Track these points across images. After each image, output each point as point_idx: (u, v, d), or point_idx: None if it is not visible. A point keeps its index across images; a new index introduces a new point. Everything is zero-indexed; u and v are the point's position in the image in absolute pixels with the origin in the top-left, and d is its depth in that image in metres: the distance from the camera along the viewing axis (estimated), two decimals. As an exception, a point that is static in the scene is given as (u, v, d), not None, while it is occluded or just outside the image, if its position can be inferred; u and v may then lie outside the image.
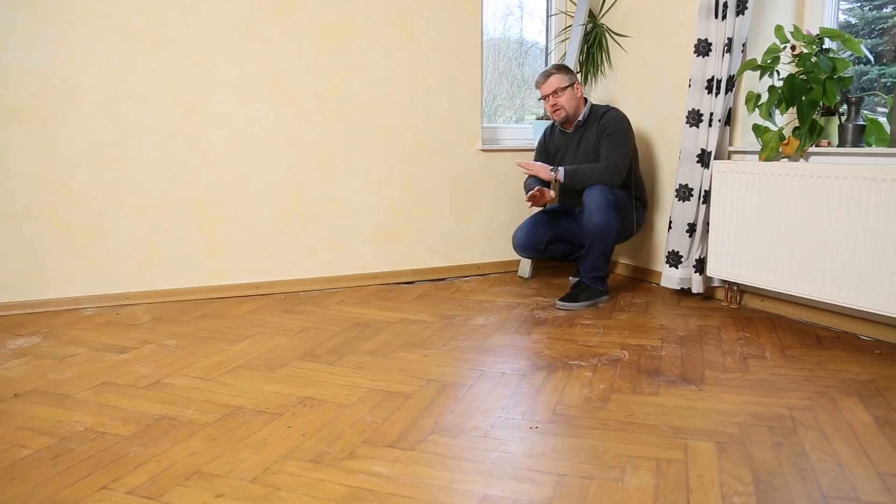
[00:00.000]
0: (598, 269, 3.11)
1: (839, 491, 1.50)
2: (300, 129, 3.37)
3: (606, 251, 3.10)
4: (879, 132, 2.59)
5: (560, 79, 3.21)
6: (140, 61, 3.04)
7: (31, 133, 2.92)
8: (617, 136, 3.15)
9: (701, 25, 3.01)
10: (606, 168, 3.09)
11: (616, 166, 3.10)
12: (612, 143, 3.14)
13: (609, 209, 3.02)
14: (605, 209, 3.01)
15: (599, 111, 3.27)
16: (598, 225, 3.02)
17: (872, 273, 2.41)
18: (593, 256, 3.09)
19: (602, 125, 3.20)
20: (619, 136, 3.15)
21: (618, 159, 3.11)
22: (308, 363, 2.35)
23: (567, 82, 3.22)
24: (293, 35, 3.29)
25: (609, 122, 3.18)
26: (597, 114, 3.26)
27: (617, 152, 3.12)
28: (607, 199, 3.02)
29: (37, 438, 1.76)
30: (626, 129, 3.18)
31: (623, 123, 3.18)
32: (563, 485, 1.53)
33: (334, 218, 3.51)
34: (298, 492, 1.50)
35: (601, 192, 3.04)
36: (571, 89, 3.23)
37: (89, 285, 3.09)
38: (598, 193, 3.04)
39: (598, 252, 3.08)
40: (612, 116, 3.21)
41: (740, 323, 2.83)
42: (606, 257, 3.12)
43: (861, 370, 2.25)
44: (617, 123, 3.18)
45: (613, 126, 3.17)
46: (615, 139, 3.14)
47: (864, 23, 2.96)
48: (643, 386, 2.13)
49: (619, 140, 3.14)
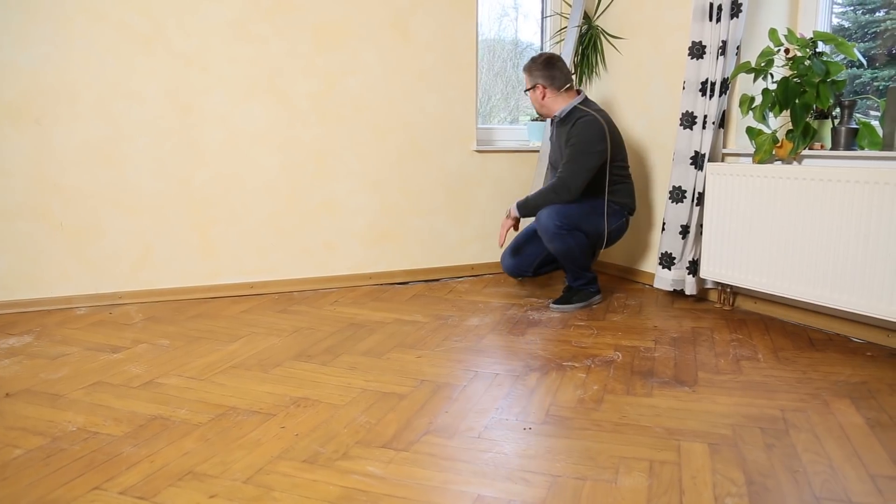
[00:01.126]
0: (580, 279, 3.12)
1: (831, 492, 1.50)
2: (294, 129, 3.37)
3: (580, 264, 3.07)
4: (872, 135, 2.61)
5: (526, 79, 3.15)
6: (135, 60, 3.03)
7: (25, 132, 2.91)
8: (576, 147, 2.99)
9: (695, 28, 3.02)
10: (554, 188, 3.01)
11: (565, 184, 2.99)
12: (570, 156, 3.01)
13: (561, 235, 2.96)
14: (557, 236, 2.96)
15: (576, 115, 3.05)
16: (558, 250, 3.01)
17: (864, 275, 2.42)
18: (570, 272, 3.12)
19: (571, 130, 3.03)
20: (578, 148, 2.99)
21: (568, 175, 2.99)
22: (302, 363, 2.34)
23: (528, 83, 3.14)
24: (288, 35, 3.29)
25: (577, 129, 3.01)
26: (576, 115, 3.06)
27: (569, 167, 3.00)
28: (555, 225, 2.94)
29: (29, 438, 1.75)
30: (589, 139, 2.98)
31: (586, 134, 2.99)
32: (557, 486, 1.53)
33: (328, 218, 3.50)
34: (292, 492, 1.49)
35: (549, 217, 2.95)
36: (534, 93, 3.12)
37: (82, 284, 3.08)
38: (547, 220, 2.96)
39: (573, 268, 3.09)
40: (580, 124, 3.01)
41: (733, 325, 2.84)
42: (584, 268, 3.09)
43: (853, 372, 2.26)
44: (580, 134, 2.99)
45: (575, 137, 3.01)
46: (573, 152, 3.00)
47: (857, 26, 2.98)
48: (636, 387, 2.13)
49: (576, 153, 2.99)
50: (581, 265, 3.08)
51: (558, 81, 3.09)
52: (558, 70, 3.09)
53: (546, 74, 3.09)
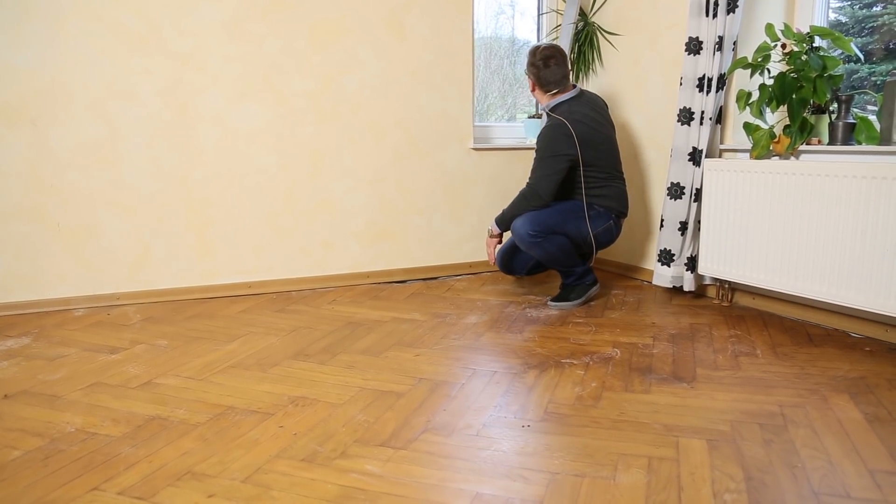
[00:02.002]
0: (571, 276, 3.12)
1: (829, 487, 1.50)
2: (291, 128, 3.36)
3: (566, 264, 3.07)
4: (869, 130, 2.61)
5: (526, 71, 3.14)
6: (130, 60, 3.03)
7: (21, 133, 2.90)
8: (540, 153, 3.02)
9: (692, 24, 3.01)
10: (524, 196, 3.03)
11: (533, 190, 3.00)
12: (536, 161, 3.04)
13: (535, 241, 2.96)
14: (533, 244, 2.97)
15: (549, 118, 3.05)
16: (539, 256, 3.03)
17: (863, 271, 2.42)
18: (561, 271, 3.13)
19: (538, 135, 3.07)
20: (542, 153, 3.01)
21: (535, 181, 3.01)
22: (300, 363, 2.34)
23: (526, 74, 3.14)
24: (284, 34, 3.28)
25: (541, 135, 3.04)
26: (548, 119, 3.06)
27: (536, 173, 3.02)
28: (528, 233, 2.95)
29: (27, 439, 1.75)
30: (553, 143, 2.97)
31: (550, 138, 2.98)
32: (555, 483, 1.53)
33: (326, 217, 3.50)
34: (290, 491, 1.49)
35: (523, 226, 2.96)
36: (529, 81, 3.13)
37: (80, 286, 3.07)
38: (521, 228, 2.97)
39: (561, 269, 3.10)
40: (545, 128, 3.03)
41: (731, 321, 2.84)
42: (571, 265, 3.08)
43: (851, 367, 2.26)
44: (544, 138, 3.01)
45: (540, 141, 3.03)
46: (537, 157, 3.04)
47: (854, 21, 2.98)
48: (635, 384, 2.13)
49: (540, 158, 3.02)
50: (567, 265, 3.07)
51: (547, 85, 3.07)
52: (550, 73, 3.04)
53: (537, 73, 3.07)
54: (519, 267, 3.33)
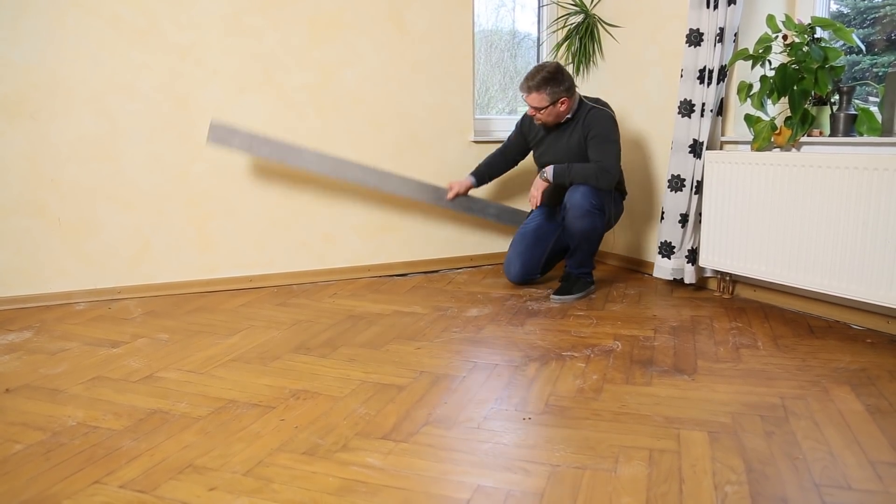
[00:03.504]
0: (585, 266, 3.13)
1: (830, 479, 1.51)
2: (291, 122, 3.36)
3: (592, 250, 3.11)
4: (871, 121, 2.60)
5: (541, 98, 3.01)
6: (129, 54, 3.02)
7: (20, 127, 2.90)
8: (605, 138, 3.03)
9: (693, 15, 3.00)
10: (599, 171, 3.00)
11: (609, 172, 3.00)
12: (602, 146, 3.03)
13: (593, 214, 2.98)
14: (589, 215, 2.98)
15: (586, 108, 3.11)
16: (583, 230, 3.00)
17: (864, 262, 2.41)
18: (581, 255, 3.10)
19: (587, 124, 3.06)
20: (607, 138, 3.03)
21: (610, 164, 3.00)
22: (301, 356, 2.34)
23: (548, 101, 3.02)
24: (283, 27, 3.27)
25: (594, 122, 3.05)
26: (583, 110, 3.11)
27: (608, 156, 3.01)
28: (591, 203, 2.97)
29: (29, 433, 1.75)
30: (613, 129, 3.06)
31: (609, 123, 3.06)
32: (556, 475, 1.53)
33: (327, 210, 3.50)
34: (291, 484, 1.49)
35: (585, 196, 2.97)
36: (554, 107, 3.04)
37: (81, 280, 3.07)
38: (582, 198, 2.97)
39: (585, 252, 3.09)
40: (598, 116, 3.06)
41: (732, 313, 2.83)
42: (592, 255, 3.13)
43: (852, 359, 2.26)
44: (603, 124, 3.05)
45: (600, 127, 3.04)
46: (604, 142, 3.03)
47: (855, 12, 2.96)
48: (636, 376, 2.13)
49: (608, 143, 3.03)
50: (592, 250, 3.11)
51: (573, 86, 3.09)
52: (568, 75, 3.06)
53: (567, 86, 3.04)
54: (534, 266, 3.27)
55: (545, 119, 3.12)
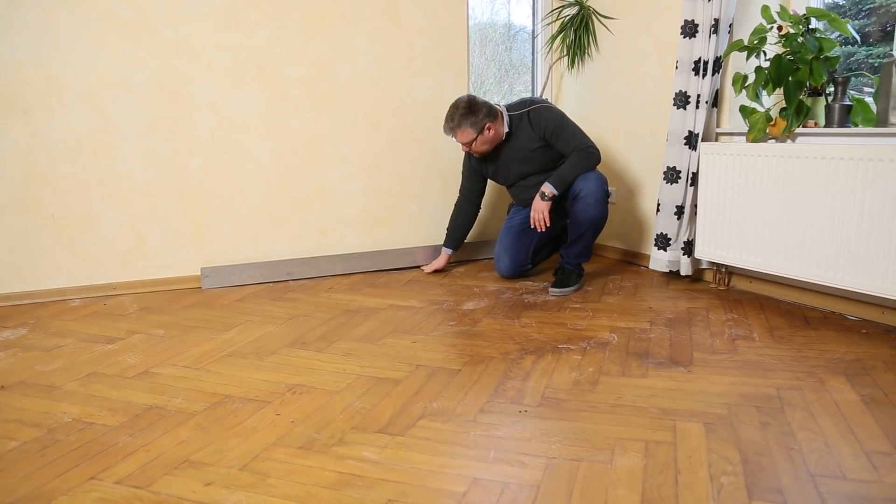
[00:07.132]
0: (583, 256, 3.12)
1: (826, 469, 1.51)
2: (286, 116, 3.35)
3: (593, 240, 3.12)
4: (866, 112, 2.60)
5: (466, 133, 3.03)
6: (121, 49, 3.00)
7: (13, 124, 2.88)
8: (560, 125, 3.05)
9: (687, 6, 2.99)
10: (583, 154, 3.00)
11: (589, 148, 3.01)
12: (563, 133, 3.04)
13: (604, 201, 3.02)
14: (602, 201, 3.00)
15: (519, 117, 3.11)
16: (594, 217, 3.00)
17: (859, 253, 2.42)
18: (583, 244, 3.08)
19: (537, 128, 3.07)
20: (561, 124, 3.05)
21: (583, 142, 3.02)
22: (297, 351, 2.34)
23: (474, 133, 3.02)
24: (277, 21, 3.26)
25: (540, 120, 3.06)
26: (519, 120, 3.11)
27: (576, 137, 3.03)
28: (603, 190, 3.00)
29: (24, 430, 1.75)
30: (559, 114, 3.09)
31: (552, 112, 3.08)
32: (553, 467, 1.53)
33: (321, 205, 3.49)
34: (288, 479, 1.49)
35: (598, 183, 2.99)
36: (482, 135, 3.04)
37: (76, 276, 3.06)
38: (595, 185, 2.98)
39: (589, 241, 3.08)
40: (540, 114, 3.07)
41: (728, 304, 2.84)
42: (592, 245, 3.14)
43: (848, 350, 2.26)
44: (549, 117, 3.06)
45: (549, 121, 3.06)
46: (562, 129, 3.05)
47: (851, 3, 2.96)
48: (632, 368, 2.13)
49: (565, 128, 3.05)
50: (593, 240, 3.11)
51: (492, 109, 3.07)
52: (482, 102, 3.05)
53: (485, 112, 3.03)
54: (523, 258, 3.28)
55: (481, 149, 3.12)
